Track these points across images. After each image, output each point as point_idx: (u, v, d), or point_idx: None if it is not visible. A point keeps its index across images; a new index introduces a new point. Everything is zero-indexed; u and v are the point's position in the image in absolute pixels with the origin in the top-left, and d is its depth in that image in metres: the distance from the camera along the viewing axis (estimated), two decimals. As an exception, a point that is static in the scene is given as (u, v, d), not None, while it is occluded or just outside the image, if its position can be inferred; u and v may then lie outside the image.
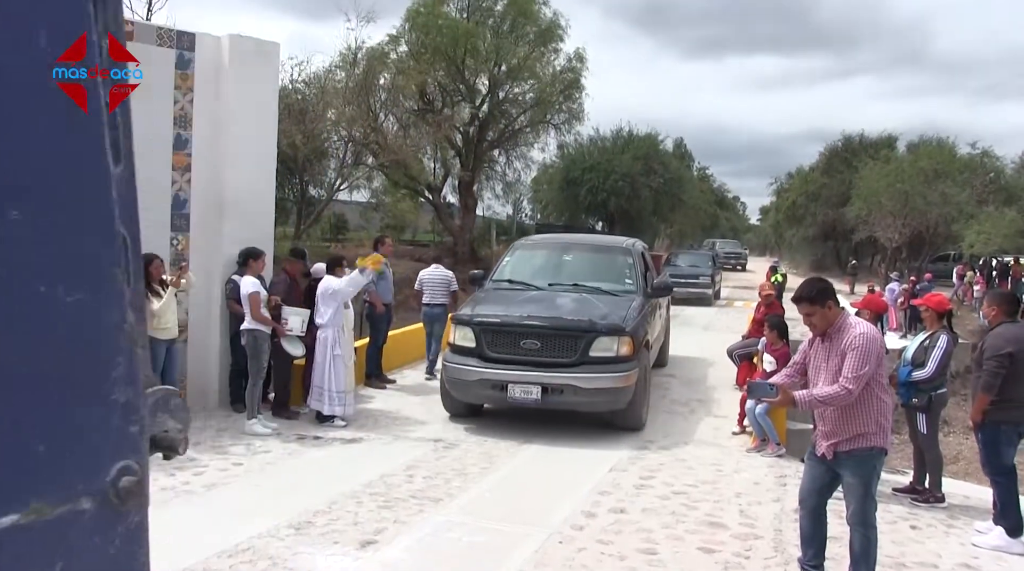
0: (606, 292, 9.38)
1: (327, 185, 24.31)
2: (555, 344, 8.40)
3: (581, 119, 33.79)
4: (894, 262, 40.14)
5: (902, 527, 6.31)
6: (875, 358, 4.48)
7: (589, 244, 11.60)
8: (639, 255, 10.52)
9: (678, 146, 57.86)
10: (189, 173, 9.00)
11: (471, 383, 8.62)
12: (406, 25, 29.01)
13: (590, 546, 5.42)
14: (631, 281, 9.85)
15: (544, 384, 8.27)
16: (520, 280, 9.91)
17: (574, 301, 9.00)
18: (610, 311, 8.67)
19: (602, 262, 10.45)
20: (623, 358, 8.36)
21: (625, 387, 8.39)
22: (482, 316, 8.79)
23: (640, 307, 9.11)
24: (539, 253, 10.92)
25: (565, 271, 10.14)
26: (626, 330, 8.43)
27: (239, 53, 9.25)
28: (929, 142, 43.65)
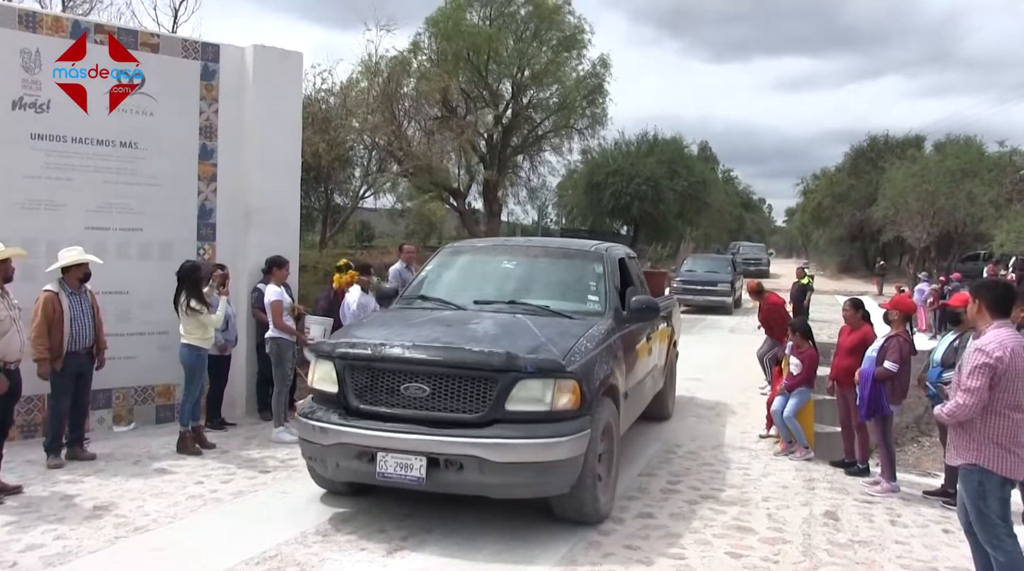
0: (557, 313, 6.54)
1: (352, 193, 24.43)
2: (452, 390, 5.44)
3: (604, 124, 33.85)
4: (923, 262, 39.72)
5: (934, 531, 6.24)
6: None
7: (542, 248, 8.04)
8: (613, 265, 7.53)
9: (703, 149, 57.67)
10: (215, 182, 9.09)
11: (326, 450, 5.66)
12: (426, 33, 29.17)
13: (617, 551, 5.40)
14: (597, 299, 6.99)
15: (432, 454, 5.32)
16: (436, 296, 7.07)
17: (498, 326, 6.09)
18: (548, 340, 5.76)
19: (558, 273, 7.42)
20: (562, 414, 5.43)
21: (564, 460, 5.36)
22: (347, 345, 5.87)
23: (603, 336, 6.26)
24: (472, 260, 7.83)
25: (504, 284, 7.20)
26: (567, 370, 5.47)
27: (263, 63, 9.34)
28: (956, 141, 43.20)
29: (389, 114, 22.74)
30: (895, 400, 7.18)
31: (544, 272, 7.46)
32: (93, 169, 8.28)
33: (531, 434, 5.33)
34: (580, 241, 8.80)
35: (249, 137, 9.27)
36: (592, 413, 5.67)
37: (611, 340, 6.44)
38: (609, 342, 6.36)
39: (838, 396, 7.94)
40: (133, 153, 8.51)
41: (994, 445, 4.32)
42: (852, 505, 6.73)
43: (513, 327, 6.12)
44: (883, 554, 5.61)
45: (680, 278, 26.32)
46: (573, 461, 5.43)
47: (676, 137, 40.51)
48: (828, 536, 5.90)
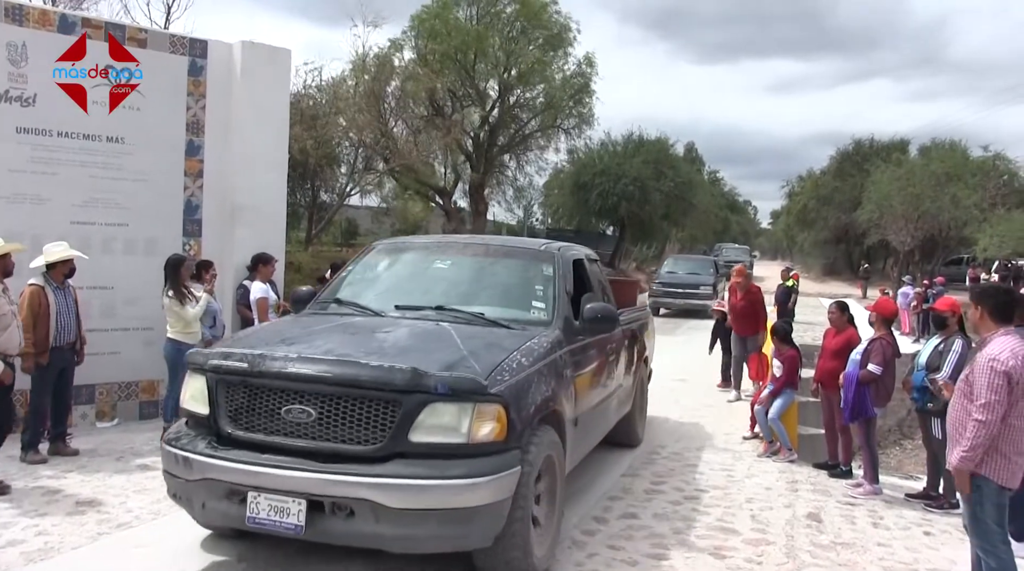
0: (492, 322, 5.46)
1: (338, 190, 24.37)
2: (343, 415, 4.37)
3: (591, 124, 33.84)
4: (906, 266, 39.98)
5: (916, 533, 6.28)
6: None
7: (483, 246, 6.86)
8: (567, 267, 6.38)
9: (689, 150, 57.83)
10: (201, 179, 9.06)
11: (191, 487, 4.58)
12: (411, 31, 29.12)
13: (601, 551, 5.42)
14: (543, 306, 5.85)
15: (314, 496, 4.27)
16: (353, 300, 6.01)
17: (412, 336, 5.07)
18: (471, 354, 4.72)
19: (499, 275, 6.33)
20: (483, 447, 4.36)
21: (483, 507, 4.31)
22: (221, 356, 4.74)
23: (545, 351, 5.18)
24: (402, 259, 6.68)
25: (434, 287, 6.10)
26: (490, 391, 4.40)
27: (251, 59, 9.31)
28: (941, 145, 43.51)
29: (376, 112, 22.69)
30: (879, 403, 7.23)
31: (483, 274, 6.29)
32: (79, 164, 8.23)
33: (441, 473, 4.21)
34: (531, 240, 7.97)
35: (236, 133, 9.24)
36: (524, 446, 4.59)
37: (556, 356, 5.29)
38: (553, 358, 5.23)
39: (822, 398, 7.99)
40: (120, 148, 8.47)
41: (995, 453, 4.33)
42: (835, 507, 6.78)
43: (431, 338, 5.04)
44: (865, 556, 5.65)
45: (660, 280, 25.80)
46: (496, 507, 4.34)
47: (662, 137, 40.54)
48: (811, 538, 5.94)
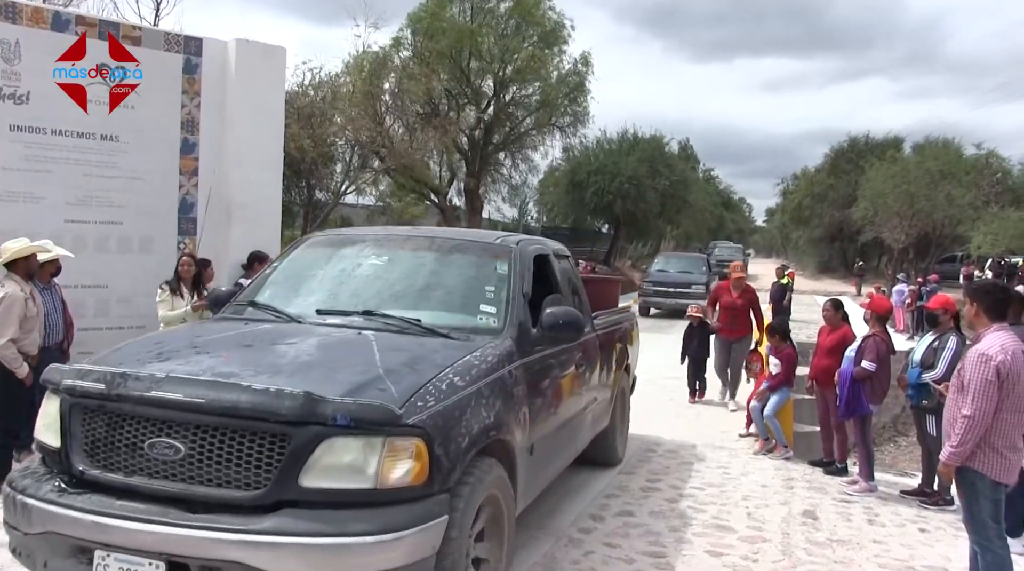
0: (429, 330, 4.56)
1: (333, 189, 24.36)
2: (217, 451, 3.49)
3: (586, 122, 33.90)
4: (901, 263, 40.08)
5: (911, 530, 6.30)
6: None
7: (428, 240, 5.76)
8: (526, 264, 5.38)
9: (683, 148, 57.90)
10: (196, 177, 9.04)
11: (31, 541, 3.69)
12: (408, 30, 29.12)
13: (597, 549, 5.42)
14: (493, 311, 4.91)
15: (175, 557, 3.39)
16: (270, 303, 5.07)
17: (321, 349, 4.17)
18: (388, 373, 3.82)
19: (444, 273, 5.34)
20: (397, 492, 3.51)
21: (399, 569, 3.47)
22: (76, 374, 3.81)
23: (490, 365, 4.29)
24: (334, 255, 5.65)
25: (366, 288, 5.19)
26: (405, 422, 3.52)
27: (246, 57, 9.29)
28: (935, 143, 43.65)
29: (371, 111, 22.68)
30: (874, 400, 7.25)
31: (425, 272, 5.28)
32: (73, 162, 8.20)
33: (340, 528, 3.34)
34: (487, 232, 6.75)
35: (231, 132, 9.22)
36: (455, 488, 3.69)
37: (504, 372, 4.39)
38: (500, 375, 4.32)
39: (817, 396, 8.01)
40: (114, 146, 8.44)
41: (988, 448, 4.36)
42: (830, 504, 6.79)
43: (344, 351, 4.17)
44: (861, 553, 5.66)
45: (650, 279, 24.98)
46: (417, 568, 3.49)
47: (657, 135, 40.61)
48: (807, 535, 5.95)
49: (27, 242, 6.51)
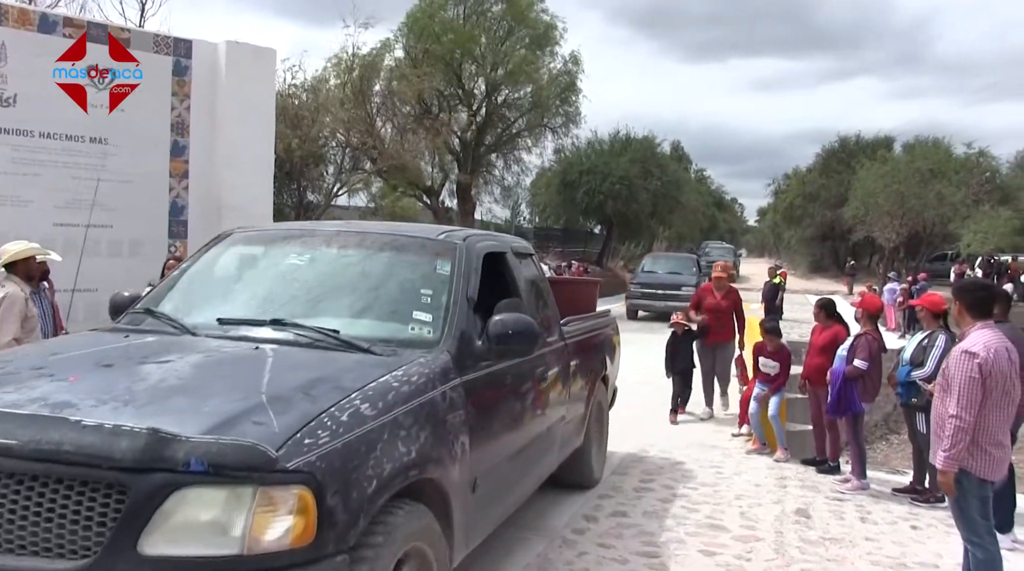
0: (347, 344, 3.79)
1: (325, 190, 24.34)
2: (34, 506, 2.64)
3: (578, 122, 33.99)
4: (892, 262, 40.23)
5: (903, 527, 6.31)
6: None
7: (358, 236, 4.93)
8: (473, 264, 4.58)
9: (676, 148, 58.02)
10: (187, 179, 9.03)
11: None
12: (403, 30, 29.12)
13: (591, 550, 5.41)
14: (428, 319, 4.14)
15: None
16: (167, 310, 4.31)
17: (196, 370, 3.45)
18: (272, 401, 3.07)
19: (373, 275, 4.56)
20: (271, 558, 2.68)
21: None
22: None
23: (413, 388, 3.54)
24: (251, 254, 4.95)
25: (281, 293, 4.43)
26: (284, 465, 2.70)
27: (236, 59, 9.28)
28: (925, 142, 43.84)
29: (363, 112, 22.67)
30: (867, 398, 7.26)
31: (351, 274, 4.53)
32: (62, 165, 8.19)
33: None
34: (430, 227, 6.05)
35: (222, 134, 9.21)
36: (358, 546, 2.91)
37: (436, 393, 3.63)
38: (429, 398, 3.56)
39: (810, 395, 8.01)
40: (103, 149, 8.43)
41: (973, 446, 4.35)
42: (823, 503, 6.79)
43: (225, 373, 3.43)
44: (854, 551, 5.66)
45: (638, 281, 23.85)
46: None
47: (648, 135, 40.70)
48: (800, 533, 5.95)
49: (27, 244, 6.49)
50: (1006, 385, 4.36)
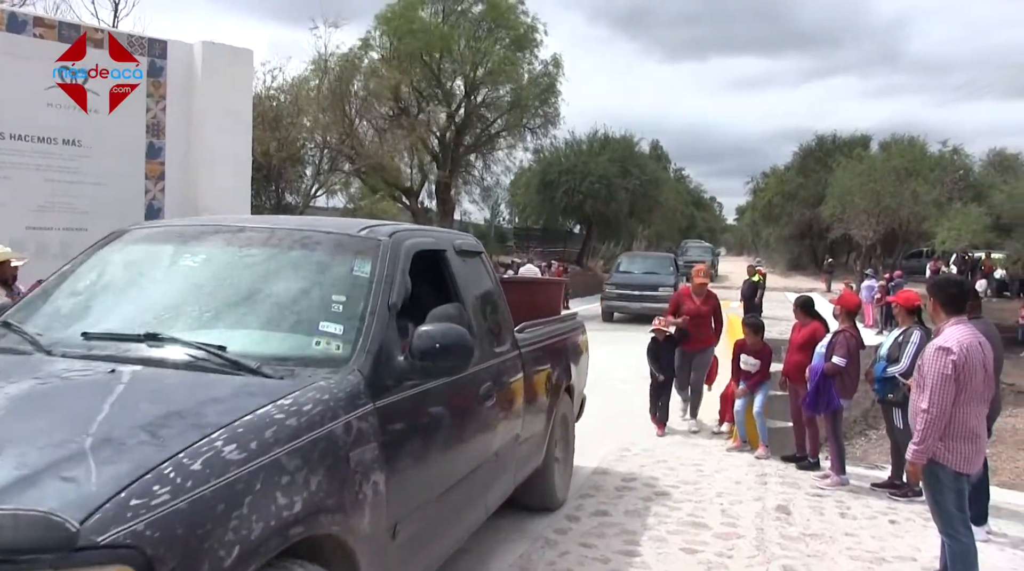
0: (232, 364, 3.09)
1: (303, 192, 24.24)
2: None
3: (557, 123, 34.05)
4: (869, 259, 40.55)
5: (882, 522, 6.34)
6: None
7: (265, 233, 4.04)
8: (398, 264, 3.84)
9: (654, 148, 58.22)
10: (163, 181, 8.96)
11: None
12: (377, 31, 29.04)
13: (573, 549, 5.41)
14: (338, 331, 3.40)
15: None
16: (24, 324, 3.55)
17: (17, 403, 2.68)
18: (97, 447, 2.33)
19: (276, 279, 3.77)
20: None
21: None
22: None
23: (310, 418, 2.82)
24: (138, 254, 4.15)
25: (165, 299, 3.71)
26: (92, 540, 1.98)
27: (213, 60, 9.22)
28: (901, 141, 44.26)
29: (340, 112, 22.58)
30: (845, 395, 7.31)
31: (252, 276, 3.78)
32: (34, 167, 8.10)
33: None
34: (350, 221, 5.15)
35: (198, 135, 9.14)
36: None
37: (338, 424, 2.95)
38: (327, 431, 2.87)
39: (789, 391, 8.05)
40: (77, 151, 8.34)
41: (949, 439, 4.41)
42: (803, 499, 6.83)
43: (46, 408, 2.69)
44: (834, 546, 5.69)
45: (613, 281, 22.93)
46: None
47: (627, 135, 40.81)
48: (780, 530, 5.98)
49: (2, 248, 6.41)
50: (980, 379, 4.41)
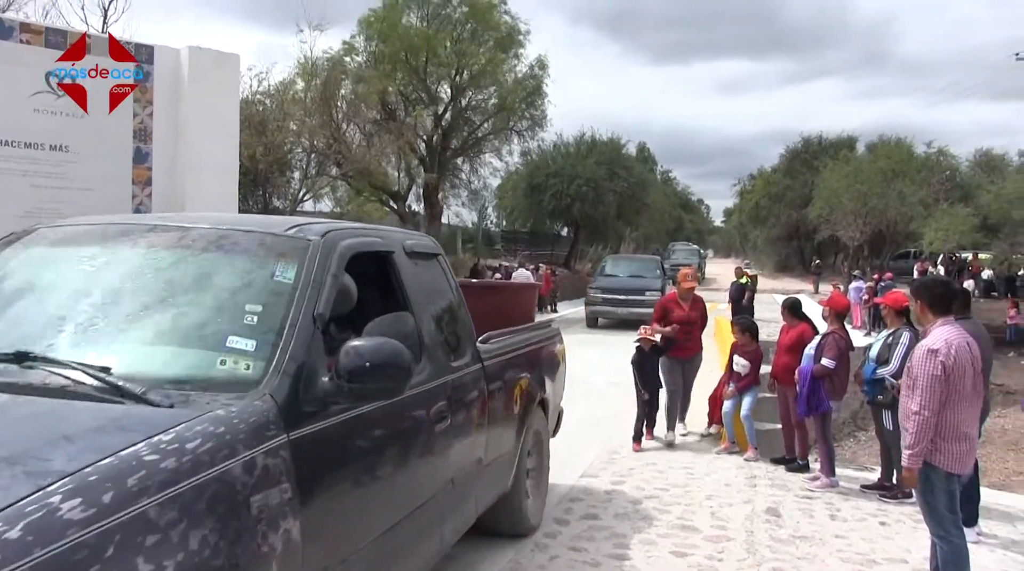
0: (113, 388, 2.55)
1: (291, 196, 24.19)
2: None
3: (544, 126, 34.14)
4: (856, 261, 40.72)
5: (872, 523, 6.36)
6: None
7: (178, 231, 3.47)
8: (329, 268, 3.29)
9: (641, 150, 58.33)
10: (150, 186, 8.90)
11: None
12: (361, 35, 29.04)
13: (563, 553, 5.41)
14: (250, 348, 2.85)
15: None
16: None
17: None
18: None
19: (183, 284, 3.19)
20: None
21: None
22: None
23: (194, 458, 2.28)
24: (38, 257, 3.56)
25: (49, 309, 3.12)
26: None
27: (199, 65, 9.17)
28: (888, 142, 44.51)
29: (327, 116, 22.56)
30: (835, 396, 7.33)
31: (155, 283, 3.21)
32: (20, 173, 8.03)
33: None
34: (278, 219, 4.13)
35: (185, 140, 9.10)
36: None
37: (235, 463, 2.42)
38: (221, 471, 2.35)
39: (778, 394, 8.07)
40: (63, 156, 8.28)
41: (940, 440, 4.41)
42: (793, 501, 6.84)
43: None
44: (824, 548, 5.71)
45: (597, 285, 21.95)
46: None
47: (614, 138, 40.87)
48: (770, 532, 5.99)
49: None
50: (969, 379, 4.43)
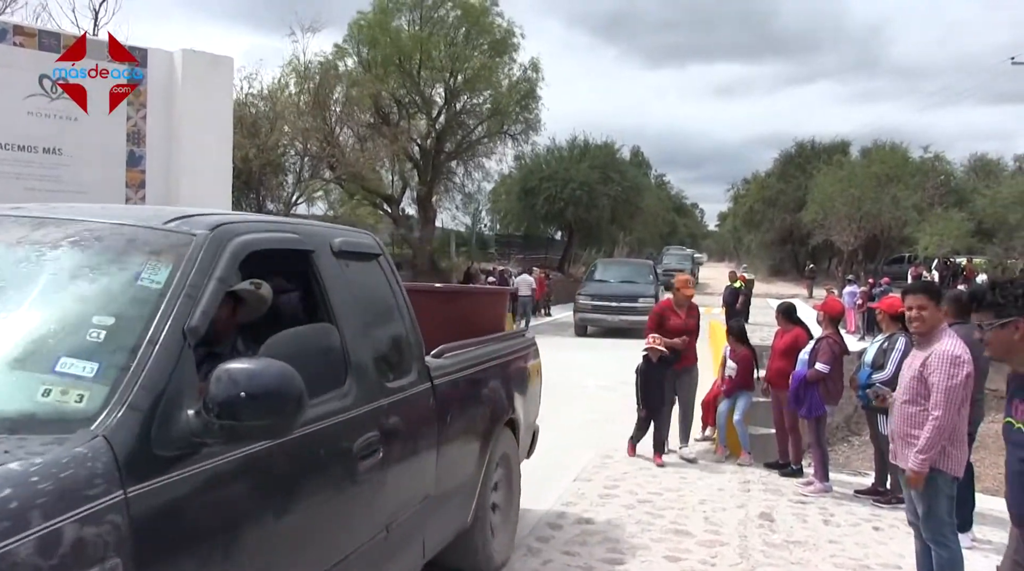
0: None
1: (284, 199, 24.17)
2: None
3: (538, 129, 34.08)
4: (850, 265, 40.81)
5: (865, 529, 6.36)
6: None
7: (31, 223, 2.75)
8: (211, 270, 2.56)
9: (635, 154, 58.36)
10: (143, 190, 8.87)
11: None
12: (352, 39, 28.98)
13: (556, 558, 5.39)
14: (91, 371, 2.17)
15: None
16: None
17: None
18: None
19: (18, 289, 2.45)
20: None
21: None
22: None
23: None
24: None
25: None
26: None
27: (193, 68, 9.15)
28: (882, 147, 44.61)
29: (320, 120, 22.55)
30: (830, 401, 7.33)
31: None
32: (13, 176, 7.99)
33: None
34: (160, 210, 3.21)
35: (179, 143, 9.07)
36: None
37: (30, 539, 1.70)
38: (5, 552, 1.64)
39: (772, 398, 8.07)
40: (57, 159, 8.25)
41: (948, 446, 4.42)
42: (787, 506, 6.84)
43: None
44: (817, 554, 5.70)
45: (586, 291, 21.05)
46: None
47: (608, 142, 40.90)
48: (764, 537, 5.98)
49: None
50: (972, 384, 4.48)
